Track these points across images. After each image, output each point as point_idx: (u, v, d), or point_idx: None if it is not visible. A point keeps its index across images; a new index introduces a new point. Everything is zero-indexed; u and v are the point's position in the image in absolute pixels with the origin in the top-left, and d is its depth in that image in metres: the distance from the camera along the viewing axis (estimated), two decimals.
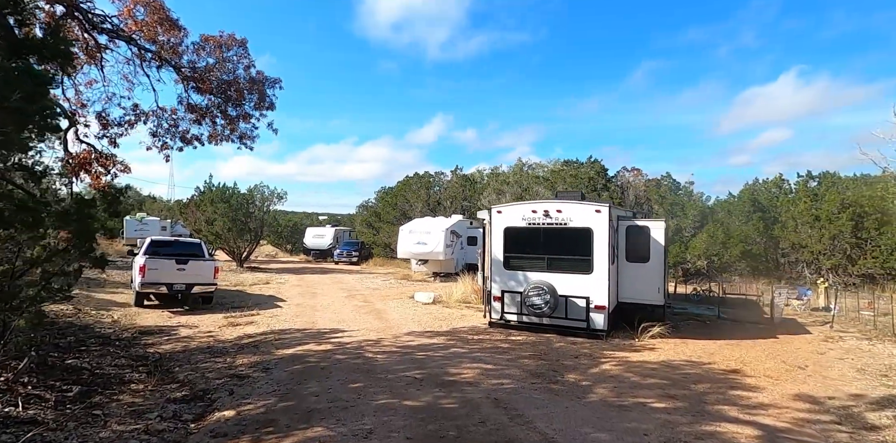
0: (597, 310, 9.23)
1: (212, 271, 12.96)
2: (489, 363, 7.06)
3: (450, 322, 10.90)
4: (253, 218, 24.88)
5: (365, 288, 17.82)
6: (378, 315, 11.77)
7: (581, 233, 9.50)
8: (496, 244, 10.36)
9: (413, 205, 31.38)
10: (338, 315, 11.75)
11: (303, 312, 12.32)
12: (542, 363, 7.17)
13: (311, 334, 9.50)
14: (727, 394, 6.06)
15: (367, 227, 34.22)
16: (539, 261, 9.90)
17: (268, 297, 15.21)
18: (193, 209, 24.88)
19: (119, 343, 8.97)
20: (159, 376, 6.96)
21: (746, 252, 23.28)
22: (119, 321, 11.04)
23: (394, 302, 14.05)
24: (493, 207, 10.51)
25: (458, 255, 22.68)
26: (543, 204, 9.95)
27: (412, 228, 21.98)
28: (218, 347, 8.62)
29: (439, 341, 8.67)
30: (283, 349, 8.10)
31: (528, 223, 10.02)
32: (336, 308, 12.90)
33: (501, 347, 8.30)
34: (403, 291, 16.63)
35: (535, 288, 9.42)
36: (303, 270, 25.81)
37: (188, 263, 12.66)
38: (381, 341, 8.68)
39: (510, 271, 10.14)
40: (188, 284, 12.56)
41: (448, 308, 12.94)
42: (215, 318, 11.44)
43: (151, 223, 33.68)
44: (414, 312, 12.32)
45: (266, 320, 11.04)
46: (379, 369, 6.73)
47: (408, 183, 33.31)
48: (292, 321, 10.94)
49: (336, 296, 15.43)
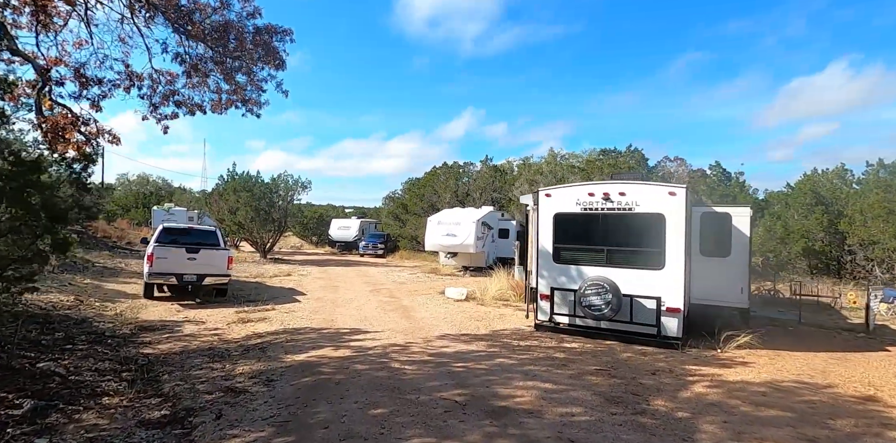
0: (670, 313, 7.53)
1: (225, 261, 11.74)
2: (547, 381, 5.48)
3: (488, 323, 9.35)
4: (276, 208, 23.80)
5: (391, 282, 16.42)
6: (405, 313, 10.30)
7: (651, 220, 7.80)
8: (544, 233, 8.73)
9: (441, 196, 29.87)
10: (360, 312, 10.34)
11: (322, 307, 10.96)
12: (615, 383, 5.55)
13: (329, 334, 8.09)
14: (885, 437, 4.34)
15: (393, 219, 32.90)
16: (597, 253, 8.24)
17: (287, 290, 13.96)
18: (216, 198, 23.96)
19: (112, 341, 7.75)
20: (141, 386, 5.63)
21: (807, 249, 20.98)
22: (122, 314, 9.89)
23: (422, 298, 12.59)
24: (540, 190, 8.88)
25: (489, 248, 21.09)
26: (603, 186, 8.27)
27: (441, 220, 20.48)
28: (220, 348, 7.30)
29: (479, 348, 7.13)
30: (293, 354, 6.70)
31: (583, 208, 8.36)
32: (359, 304, 11.51)
33: (556, 357, 6.70)
34: (432, 286, 15.16)
35: (593, 285, 7.78)
36: (327, 262, 24.65)
37: (200, 253, 11.46)
38: (409, 346, 7.19)
39: (561, 265, 8.51)
40: (200, 275, 11.36)
41: (483, 306, 11.39)
42: (226, 313, 10.18)
43: (178, 213, 33.20)
44: (446, 310, 10.82)
45: (280, 317, 9.71)
46: (408, 385, 5.24)
47: (436, 174, 31.80)
48: (309, 319, 9.57)
49: (359, 290, 14.06)
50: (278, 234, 24.48)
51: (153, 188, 49.62)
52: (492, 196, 29.70)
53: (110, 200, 41.07)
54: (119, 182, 51.55)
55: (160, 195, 46.91)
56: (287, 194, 24.79)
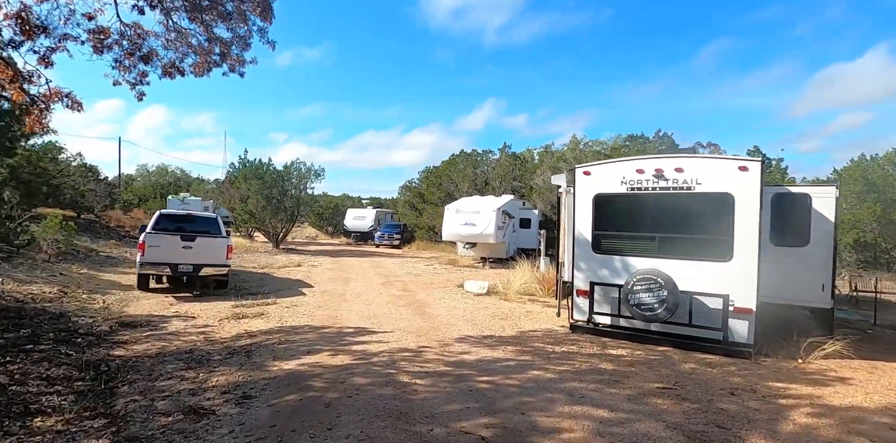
0: (739, 314, 6.11)
1: (224, 251, 10.63)
2: (601, 406, 4.17)
3: (514, 322, 8.04)
4: (288, 196, 22.76)
5: (405, 274, 15.21)
6: (419, 309, 9.06)
7: (715, 201, 6.36)
8: (582, 218, 7.36)
9: (459, 185, 28.49)
10: (369, 308, 9.13)
11: (328, 302, 9.78)
12: (689, 409, 4.20)
13: (330, 335, 6.89)
14: None
15: (409, 208, 31.66)
16: (647, 242, 6.85)
17: (294, 282, 12.85)
18: (227, 187, 23.04)
19: (83, 340, 6.67)
20: (90, 401, 4.51)
21: (858, 241, 19.13)
22: (108, 308, 8.88)
23: (439, 292, 11.33)
24: (577, 167, 7.48)
25: (509, 238, 19.73)
26: (655, 161, 6.84)
27: (459, 208, 19.15)
28: (202, 351, 6.15)
29: (507, 355, 5.83)
30: (282, 361, 5.50)
31: (629, 188, 6.96)
32: (369, 298, 10.31)
33: (603, 369, 5.36)
34: (450, 279, 13.89)
35: (643, 280, 6.39)
36: (341, 252, 23.59)
37: (196, 241, 10.37)
38: (422, 351, 5.92)
39: (602, 256, 7.14)
40: (196, 265, 10.28)
41: (507, 302, 10.08)
42: (222, 307, 9.08)
43: (193, 203, 32.43)
44: (465, 305, 9.54)
45: (280, 313, 8.56)
46: (419, 410, 3.98)
47: (453, 162, 30.41)
48: (311, 315, 8.39)
49: (371, 283, 12.87)
50: (291, 223, 23.47)
51: (172, 179, 49.30)
52: (511, 185, 28.20)
53: (129, 190, 40.82)
54: (139, 173, 51.44)
55: (178, 186, 46.56)
56: (300, 183, 23.73)
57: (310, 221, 37.35)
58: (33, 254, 12.38)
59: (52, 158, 19.69)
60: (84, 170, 25.39)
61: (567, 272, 7.98)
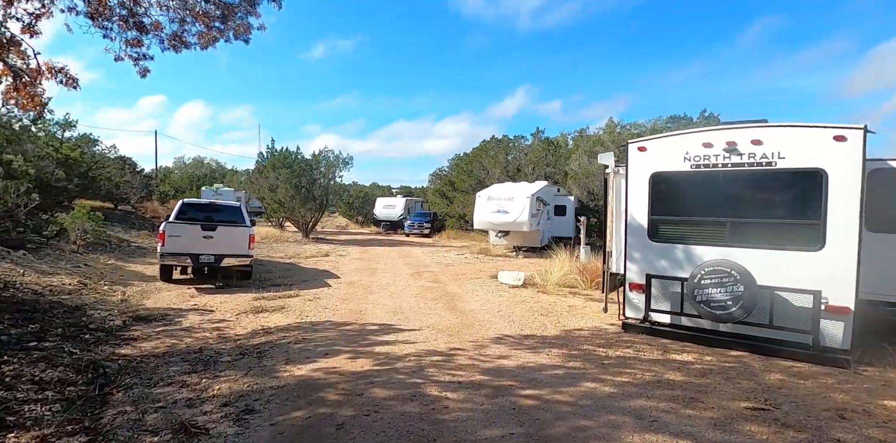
0: (833, 314, 5.06)
1: (246, 240, 10.11)
2: (681, 434, 3.28)
3: (556, 319, 7.16)
4: (317, 185, 22.32)
5: (435, 264, 14.48)
6: (451, 303, 8.29)
7: (803, 179, 5.28)
8: (635, 201, 6.37)
9: (490, 172, 27.48)
10: (396, 301, 8.42)
11: (353, 294, 9.14)
12: (794, 440, 3.26)
13: (351, 333, 6.19)
14: None
15: (439, 196, 30.85)
16: (715, 228, 5.82)
17: (320, 272, 12.30)
18: (257, 176, 22.79)
19: (91, 336, 6.20)
20: (76, 411, 3.94)
21: None
22: (127, 301, 8.48)
23: (471, 284, 10.53)
24: (630, 142, 6.46)
25: (544, 226, 18.70)
26: (727, 132, 5.76)
27: (491, 195, 18.22)
28: (211, 350, 5.57)
29: (553, 360, 4.98)
30: (295, 364, 4.83)
31: (694, 165, 5.92)
32: (396, 290, 9.61)
33: (672, 380, 4.44)
34: (482, 269, 13.07)
35: (714, 273, 5.40)
36: (370, 242, 23.08)
37: (217, 230, 9.88)
38: (454, 355, 5.14)
39: (660, 245, 6.15)
40: (217, 256, 9.80)
41: (546, 295, 9.18)
42: (242, 299, 8.57)
43: (226, 193, 32.68)
44: (500, 299, 8.70)
45: (301, 306, 7.95)
46: (450, 435, 3.20)
47: (484, 148, 29.36)
48: (334, 309, 7.75)
49: (400, 273, 12.19)
50: (320, 212, 23.07)
51: (207, 171, 50.10)
52: (545, 171, 26.99)
53: (166, 182, 41.60)
54: (176, 165, 52.53)
55: (213, 177, 47.24)
56: (329, 171, 23.26)
57: (340, 210, 37.14)
58: (62, 245, 12.25)
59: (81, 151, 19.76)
60: (120, 162, 25.69)
61: (615, 263, 7.03)
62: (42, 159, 14.10)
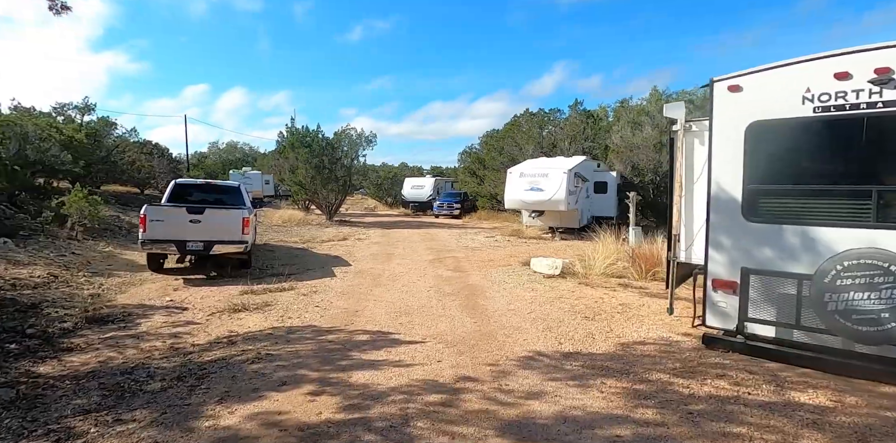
0: None
1: (239, 224, 8.72)
2: None
3: (607, 324, 5.39)
4: (339, 165, 20.90)
5: (461, 248, 12.83)
6: (470, 299, 6.63)
7: None
8: (722, 164, 4.44)
9: (523, 148, 25.32)
10: (404, 297, 6.83)
11: (356, 287, 7.62)
12: None
13: (332, 346, 4.65)
14: None
15: (469, 175, 28.95)
16: (854, 201, 3.86)
17: (331, 258, 10.90)
18: (277, 157, 21.60)
19: (19, 346, 4.93)
20: None
21: None
22: (101, 295, 7.28)
23: (499, 272, 8.82)
24: (717, 80, 4.47)
25: (582, 204, 16.67)
26: (875, 54, 3.73)
27: (524, 171, 16.30)
28: (146, 370, 4.15)
29: (611, 405, 3.26)
30: (230, 404, 3.31)
31: (819, 108, 3.93)
32: (409, 281, 8.04)
33: None
34: (513, 254, 11.33)
35: (858, 268, 3.50)
36: (396, 224, 21.64)
37: (205, 213, 8.53)
38: (461, 391, 3.48)
39: (762, 225, 4.24)
40: (206, 242, 8.46)
41: (590, 288, 7.38)
42: (228, 293, 7.22)
43: (254, 177, 32.04)
44: (532, 294, 6.97)
45: (289, 303, 6.50)
46: None
47: (516, 123, 27.14)
48: (326, 307, 6.25)
49: (417, 260, 10.62)
50: (343, 194, 21.72)
51: (240, 155, 49.88)
52: (583, 146, 24.60)
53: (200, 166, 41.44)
54: (210, 151, 52.59)
55: (246, 161, 46.91)
56: (351, 150, 21.78)
57: (369, 192, 35.90)
58: (58, 231, 11.31)
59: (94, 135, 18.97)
60: (144, 147, 25.10)
61: (685, 250, 5.19)
62: (44, 141, 13.17)
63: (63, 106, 19.23)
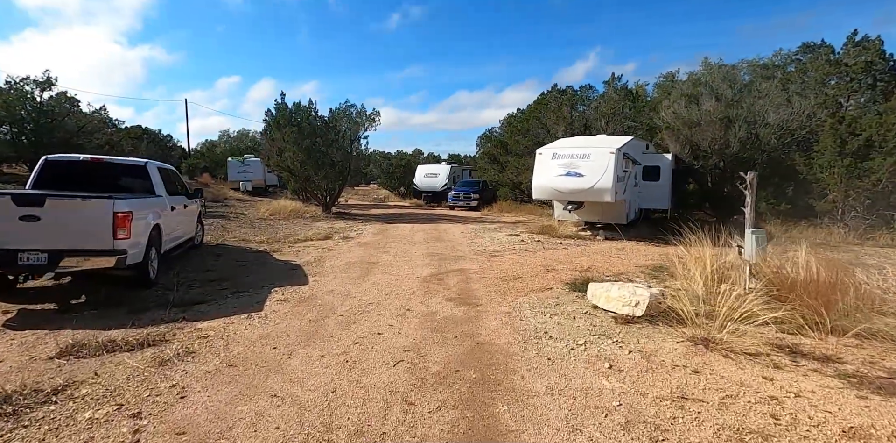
0: None
1: (107, 224, 5.21)
2: None
3: None
4: (335, 148, 17.35)
5: (474, 252, 9.14)
6: (479, 409, 2.97)
7: None
8: None
9: (552, 129, 21.30)
10: (329, 399, 3.23)
11: (276, 341, 4.04)
12: None
13: None
14: None
15: (489, 162, 25.09)
16: None
17: (288, 270, 7.37)
18: (265, 139, 18.18)
19: None
20: None
21: None
22: None
23: (534, 308, 5.12)
24: None
25: (630, 194, 12.78)
26: None
27: (558, 151, 12.42)
28: None
29: None
30: None
31: None
32: (370, 331, 4.41)
33: None
34: (549, 265, 7.59)
35: None
36: (402, 217, 18.07)
37: (45, 206, 5.06)
38: None
39: None
40: (52, 252, 5.01)
41: (722, 357, 3.61)
42: (43, 351, 3.73)
43: (254, 164, 28.90)
44: (613, 383, 3.25)
45: (98, 395, 2.95)
46: None
47: (544, 101, 23.09)
48: (165, 412, 2.68)
49: (407, 275, 6.98)
50: (341, 182, 18.18)
51: (251, 143, 46.96)
52: (622, 126, 20.41)
53: (205, 154, 38.66)
54: (221, 139, 49.85)
55: (255, 149, 43.96)
56: (351, 132, 18.17)
57: (380, 181, 32.38)
58: None
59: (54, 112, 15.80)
60: (132, 131, 22.02)
61: None
62: None
63: (21, 80, 16.18)
